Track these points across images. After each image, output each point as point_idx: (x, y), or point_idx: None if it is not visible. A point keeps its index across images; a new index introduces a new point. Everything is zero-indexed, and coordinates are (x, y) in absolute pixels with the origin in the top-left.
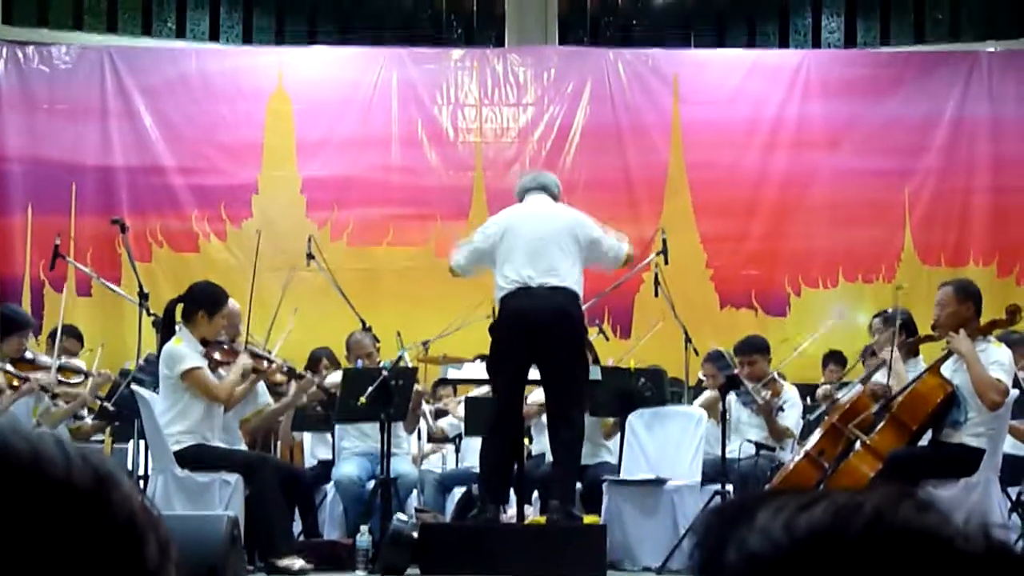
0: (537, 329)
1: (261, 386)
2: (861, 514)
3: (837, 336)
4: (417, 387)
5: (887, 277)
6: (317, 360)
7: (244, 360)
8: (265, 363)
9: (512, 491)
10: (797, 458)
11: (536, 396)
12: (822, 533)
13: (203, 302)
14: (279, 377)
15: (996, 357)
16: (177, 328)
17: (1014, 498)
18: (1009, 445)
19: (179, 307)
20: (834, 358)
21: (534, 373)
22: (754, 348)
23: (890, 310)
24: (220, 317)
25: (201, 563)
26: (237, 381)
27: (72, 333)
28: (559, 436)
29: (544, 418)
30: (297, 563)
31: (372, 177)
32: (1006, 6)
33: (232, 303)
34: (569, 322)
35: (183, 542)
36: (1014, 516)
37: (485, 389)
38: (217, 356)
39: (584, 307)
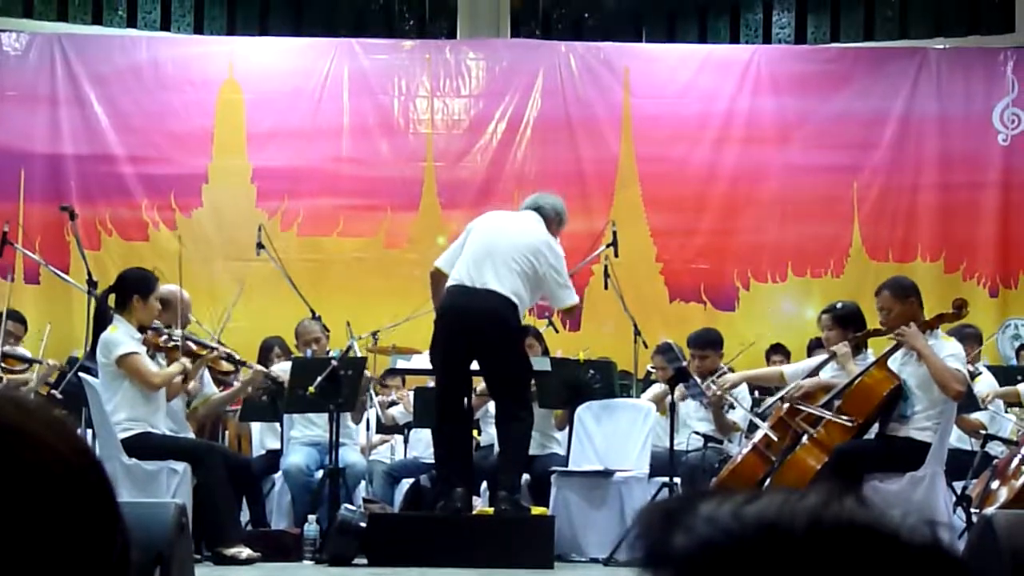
0: (470, 329)
1: (206, 376)
2: (805, 507)
3: (785, 330)
4: (366, 372)
5: (836, 272)
6: (269, 349)
7: (184, 361)
8: (205, 351)
9: None
10: (745, 451)
11: (483, 386)
12: (770, 523)
13: (135, 287)
14: (225, 366)
15: (949, 351)
16: (113, 318)
17: (959, 492)
18: (955, 439)
19: (111, 297)
20: (777, 350)
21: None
22: (708, 343)
23: (839, 304)
24: (154, 299)
25: (148, 550)
26: (174, 374)
27: (16, 317)
28: (506, 430)
29: (491, 407)
30: (244, 552)
31: (323, 167)
32: (954, 4)
33: (182, 292)
34: (500, 326)
35: (130, 529)
36: (959, 510)
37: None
38: (155, 341)
39: (529, 304)
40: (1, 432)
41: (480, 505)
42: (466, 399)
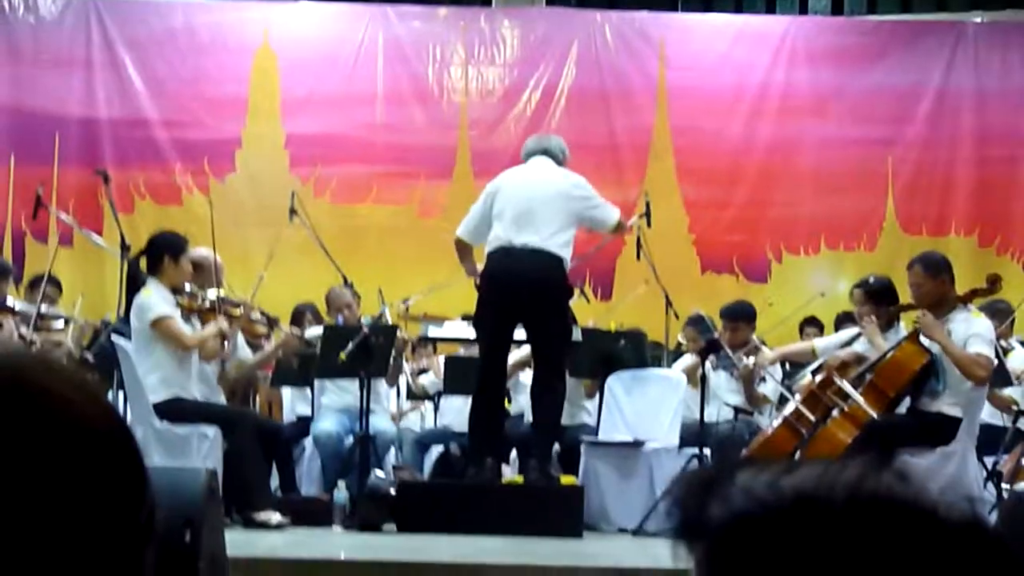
0: (516, 292)
1: (240, 340)
2: (844, 480)
3: (818, 303)
4: (401, 334)
5: (869, 246)
6: (300, 315)
7: (222, 323)
8: (238, 309)
9: None
10: (775, 424)
11: (513, 355)
12: (807, 496)
13: (166, 248)
14: (259, 328)
15: (976, 329)
16: (147, 281)
17: (990, 467)
18: (986, 414)
19: (143, 260)
20: (811, 323)
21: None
22: (741, 315)
23: (871, 279)
24: (185, 260)
25: (178, 515)
26: (210, 336)
27: (51, 281)
28: (540, 399)
29: (522, 377)
30: (274, 517)
31: (356, 135)
32: None
33: (215, 256)
34: (548, 287)
35: (161, 494)
36: (989, 485)
37: (466, 348)
38: (189, 304)
39: (568, 267)
40: (29, 393)
41: (510, 474)
42: (506, 365)
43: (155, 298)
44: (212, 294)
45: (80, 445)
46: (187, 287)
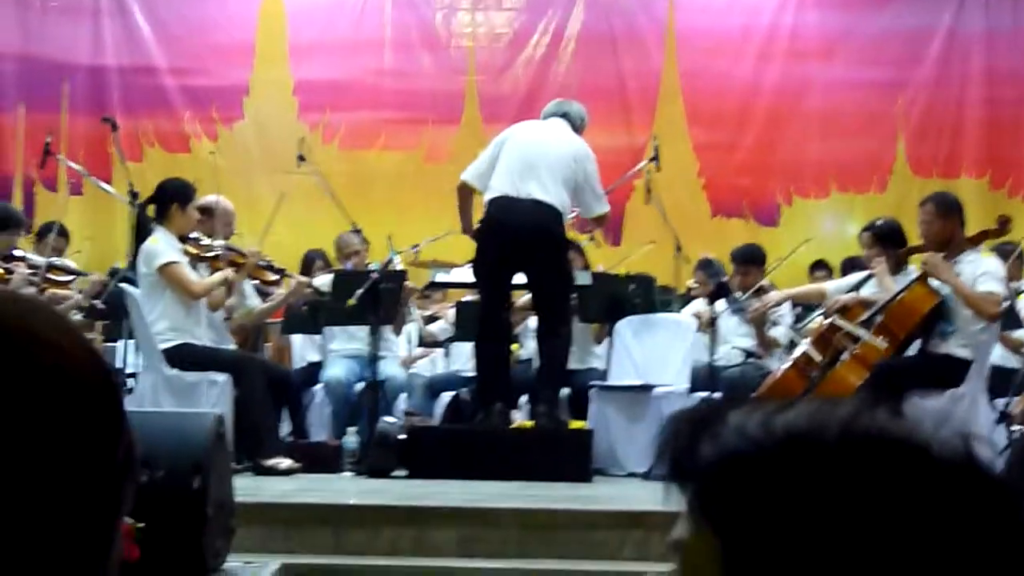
0: (516, 241)
1: (249, 287)
2: (836, 418)
3: (827, 245)
4: (408, 283)
5: (879, 188)
6: (311, 262)
7: (228, 271)
8: (246, 260)
9: None
10: (785, 367)
11: (523, 300)
12: (799, 434)
13: (174, 195)
14: (268, 276)
15: (985, 268)
16: (153, 228)
17: (1000, 409)
18: (997, 356)
19: (151, 207)
20: (820, 266)
21: (522, 278)
22: (751, 259)
23: (879, 222)
24: (192, 208)
25: (186, 460)
26: (216, 283)
27: (59, 232)
28: (544, 344)
29: (531, 322)
30: (284, 463)
31: (364, 80)
32: None
33: (225, 202)
34: (548, 236)
35: (168, 438)
36: (1000, 428)
37: (476, 294)
38: (196, 251)
39: (571, 216)
40: (5, 330)
41: (519, 419)
42: (505, 313)
43: (162, 244)
44: (219, 243)
45: (57, 384)
46: (194, 235)
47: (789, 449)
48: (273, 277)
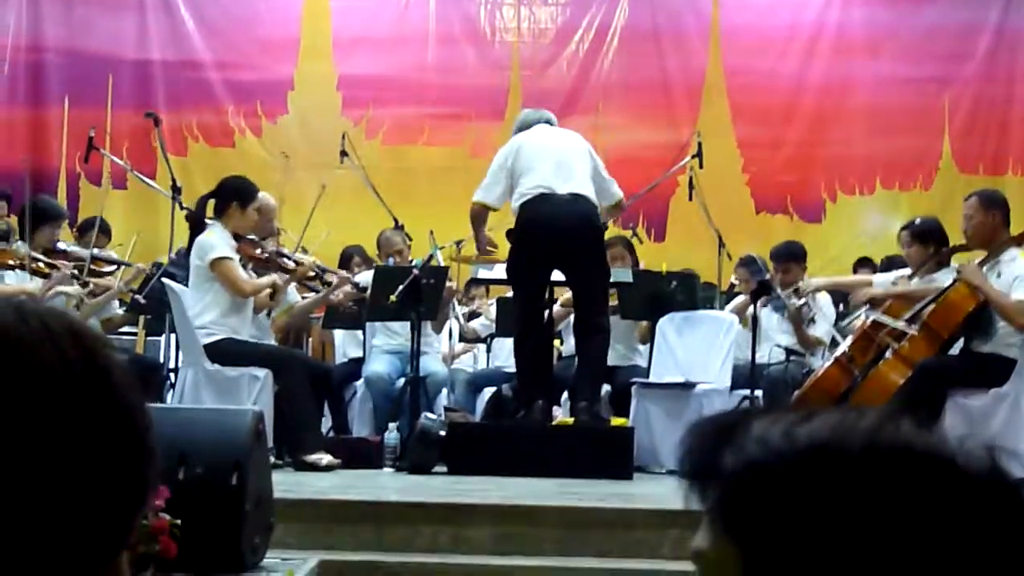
0: (559, 236)
1: (291, 285)
2: (861, 429)
3: (873, 242)
4: (449, 283)
5: (925, 185)
6: (349, 258)
7: (275, 277)
8: (293, 264)
9: None
10: (827, 364)
11: (565, 297)
12: (822, 445)
13: (236, 194)
14: (310, 273)
15: (1020, 271)
16: (209, 223)
17: None
18: None
19: (211, 203)
20: (864, 264)
21: (558, 275)
22: (791, 256)
23: (918, 220)
24: (253, 209)
25: (226, 456)
26: (265, 286)
27: (101, 228)
28: (585, 341)
29: (572, 319)
30: (325, 459)
31: (408, 76)
32: None
33: (268, 198)
34: (590, 230)
35: (208, 435)
36: None
37: None
38: (248, 252)
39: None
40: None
41: (560, 415)
42: (546, 310)
43: (217, 239)
44: (271, 245)
45: (48, 390)
46: (251, 236)
47: (812, 460)
48: (316, 282)
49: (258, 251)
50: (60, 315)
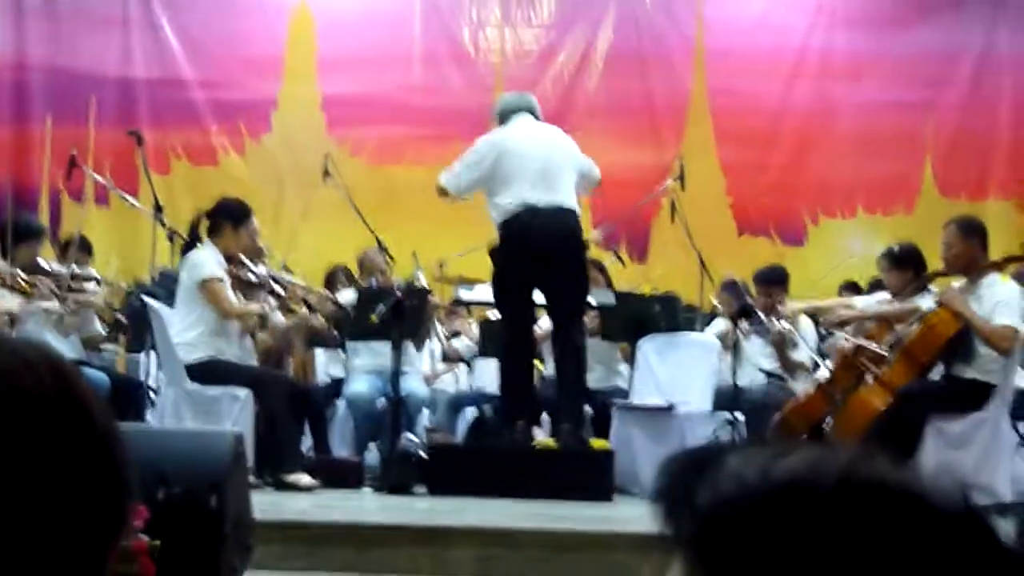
0: (545, 252)
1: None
2: (834, 465)
3: (854, 266)
4: (433, 299)
5: (906, 210)
6: (334, 276)
7: (266, 306)
8: (282, 290)
9: None
10: (808, 388)
11: (545, 322)
12: (796, 481)
13: (230, 215)
14: (296, 304)
15: (1000, 296)
16: (202, 241)
17: (1023, 433)
18: (1021, 379)
19: (204, 223)
20: (850, 289)
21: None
22: (774, 280)
23: (895, 248)
24: (245, 231)
25: (203, 478)
26: (252, 312)
27: (81, 245)
28: (565, 360)
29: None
30: (304, 479)
31: (393, 95)
32: None
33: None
34: (576, 243)
35: (187, 457)
36: (1023, 451)
37: None
38: (238, 273)
39: (600, 232)
40: None
41: (541, 436)
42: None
43: (208, 257)
44: (263, 270)
45: (26, 418)
46: (243, 258)
47: (786, 497)
48: (300, 305)
49: (249, 274)
50: (36, 346)
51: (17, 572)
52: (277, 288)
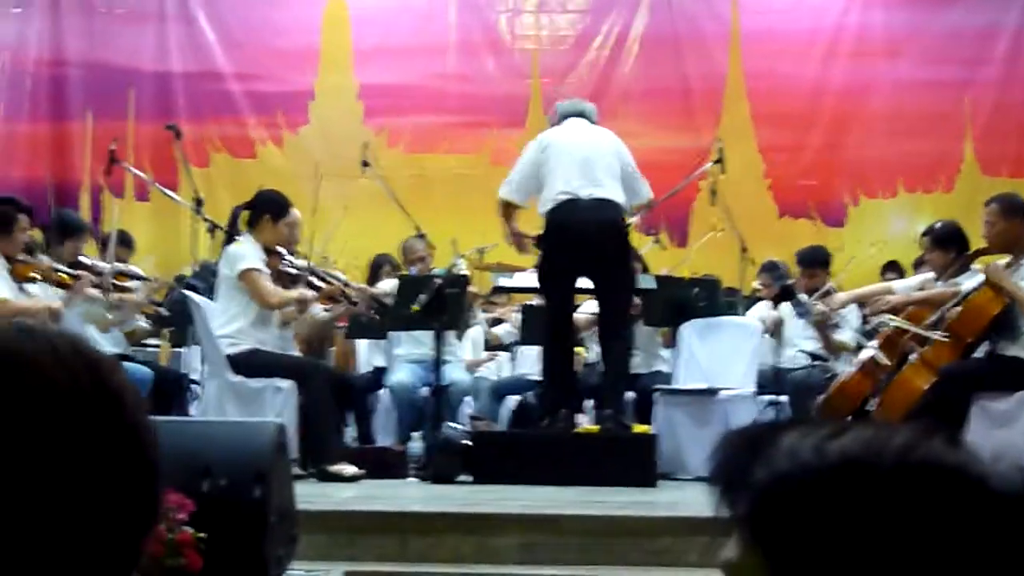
0: (585, 242)
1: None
2: (892, 445)
3: (896, 246)
4: (472, 288)
5: (946, 188)
6: (379, 266)
7: (306, 292)
8: (322, 282)
9: None
10: (851, 370)
11: (588, 307)
12: (853, 460)
13: (269, 207)
14: (336, 293)
15: None
16: (241, 233)
17: None
18: None
19: (243, 214)
20: (892, 267)
21: (583, 282)
22: (816, 261)
23: (937, 225)
24: (284, 224)
25: (247, 469)
26: (292, 299)
27: (123, 240)
28: (609, 348)
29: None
30: (348, 469)
31: (429, 84)
32: None
33: (292, 211)
34: (615, 235)
35: (231, 449)
36: None
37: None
38: (277, 265)
39: (636, 218)
40: (4, 358)
41: (584, 423)
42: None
43: (247, 249)
44: (302, 263)
45: (52, 408)
46: (280, 249)
47: (842, 475)
48: (339, 299)
49: (289, 266)
50: (70, 338)
51: (50, 564)
52: (316, 281)
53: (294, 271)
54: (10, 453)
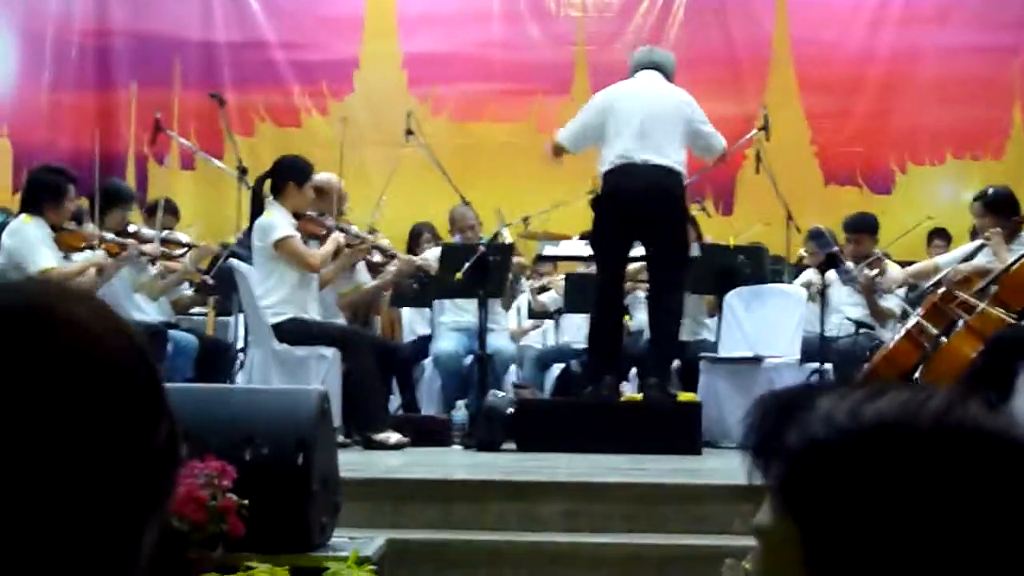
0: (638, 207)
1: (360, 265)
2: (928, 409)
3: (944, 213)
4: (518, 259)
5: (995, 155)
6: (418, 235)
7: (338, 237)
8: (358, 242)
9: None
10: (897, 337)
11: (633, 269)
12: (888, 424)
13: (291, 173)
14: (378, 258)
15: None
16: (267, 203)
17: None
18: None
19: (267, 183)
20: (939, 235)
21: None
22: (863, 227)
23: (989, 190)
24: (309, 187)
25: (290, 436)
26: (330, 253)
27: (169, 208)
28: (657, 315)
29: (640, 293)
30: (393, 437)
31: (473, 52)
32: None
33: (335, 179)
34: (670, 201)
35: (273, 417)
36: None
37: (586, 266)
38: (309, 228)
39: (686, 183)
40: (36, 315)
41: (628, 391)
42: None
43: (278, 218)
44: (332, 222)
45: (88, 366)
46: (310, 212)
47: (877, 439)
48: (381, 259)
49: (319, 228)
50: (94, 296)
51: (56, 533)
52: (347, 239)
53: (324, 231)
54: (43, 407)
